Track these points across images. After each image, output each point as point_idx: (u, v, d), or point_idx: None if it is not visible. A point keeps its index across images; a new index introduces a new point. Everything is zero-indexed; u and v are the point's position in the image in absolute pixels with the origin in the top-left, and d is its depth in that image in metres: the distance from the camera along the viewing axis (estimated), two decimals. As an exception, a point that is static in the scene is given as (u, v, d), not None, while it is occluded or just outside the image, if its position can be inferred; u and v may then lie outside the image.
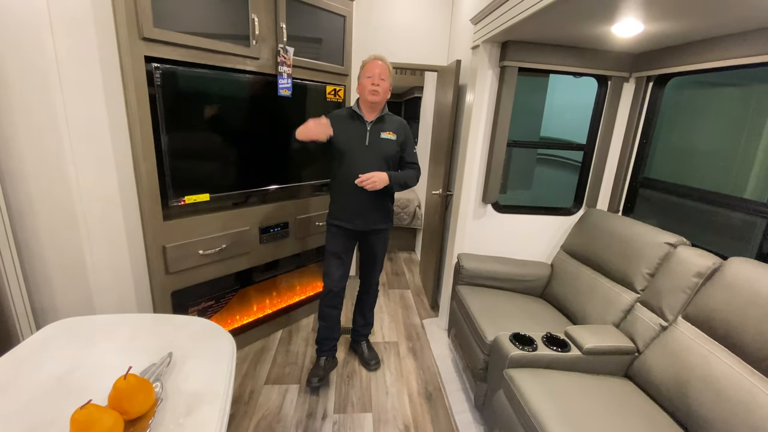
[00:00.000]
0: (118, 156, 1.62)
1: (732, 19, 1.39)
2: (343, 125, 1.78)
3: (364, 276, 2.09)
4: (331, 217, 1.90)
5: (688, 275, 1.47)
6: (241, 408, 1.80)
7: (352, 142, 1.77)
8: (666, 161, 2.22)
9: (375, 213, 1.86)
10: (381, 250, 1.99)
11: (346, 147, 1.77)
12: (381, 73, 1.73)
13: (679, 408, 1.29)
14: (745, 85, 2.01)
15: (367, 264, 2.04)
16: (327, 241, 1.93)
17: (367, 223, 1.85)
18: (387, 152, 1.81)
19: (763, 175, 1.91)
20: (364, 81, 1.75)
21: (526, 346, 1.49)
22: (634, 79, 2.06)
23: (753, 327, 1.18)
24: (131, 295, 1.78)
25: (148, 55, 1.52)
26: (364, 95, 1.77)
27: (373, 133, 1.79)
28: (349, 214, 1.83)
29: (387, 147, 1.81)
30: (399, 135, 1.83)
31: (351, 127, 1.79)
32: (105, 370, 0.90)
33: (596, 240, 1.97)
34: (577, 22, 1.54)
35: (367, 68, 1.75)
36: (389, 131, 1.82)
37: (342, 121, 1.79)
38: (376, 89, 1.73)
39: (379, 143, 1.79)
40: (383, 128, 1.81)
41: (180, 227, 1.76)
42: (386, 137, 1.81)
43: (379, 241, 1.96)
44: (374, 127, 1.79)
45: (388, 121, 1.83)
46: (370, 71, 1.74)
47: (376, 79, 1.72)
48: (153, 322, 1.20)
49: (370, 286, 2.11)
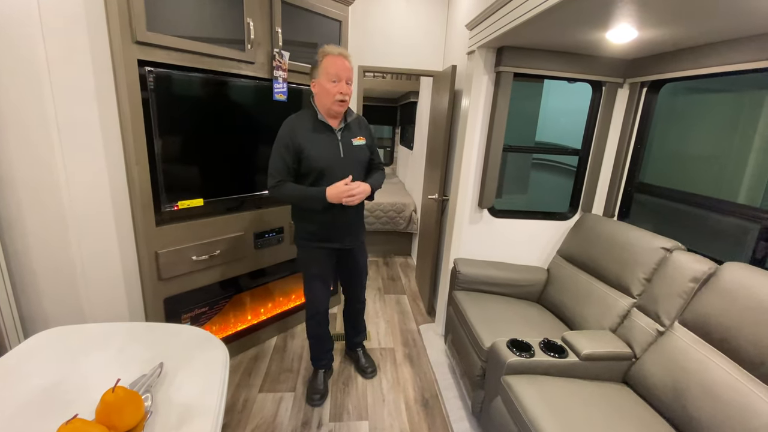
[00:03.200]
0: (110, 161, 1.59)
1: (724, 27, 1.40)
2: (312, 137, 1.58)
3: (354, 290, 2.02)
4: (311, 240, 1.72)
5: (683, 280, 1.47)
6: (235, 417, 1.77)
7: (327, 157, 1.60)
8: (660, 166, 2.24)
9: (359, 226, 1.81)
10: (364, 260, 1.95)
11: (322, 163, 1.58)
12: (348, 78, 1.55)
13: (676, 414, 1.28)
14: (737, 91, 2.04)
15: (355, 277, 1.97)
16: (306, 265, 1.78)
17: (354, 239, 1.79)
18: (361, 159, 1.71)
19: (755, 179, 1.93)
20: (328, 86, 1.51)
21: (524, 352, 1.48)
22: (628, 84, 2.07)
23: (749, 332, 1.18)
24: (123, 302, 1.74)
25: (141, 59, 1.50)
26: (327, 104, 1.55)
27: (345, 142, 1.64)
28: (336, 233, 1.72)
29: (361, 154, 1.71)
30: (366, 137, 1.73)
31: (320, 139, 1.60)
32: (93, 381, 0.88)
33: (592, 245, 1.98)
34: (572, 28, 1.55)
35: (330, 68, 1.51)
36: (359, 136, 1.70)
37: (308, 132, 1.58)
38: (344, 99, 1.55)
39: (353, 152, 1.67)
40: (352, 134, 1.68)
41: (173, 233, 1.74)
42: (358, 143, 1.69)
43: (362, 251, 1.91)
44: (344, 135, 1.65)
45: (354, 125, 1.70)
46: (336, 74, 1.51)
47: (344, 87, 1.53)
48: (144, 331, 1.17)
49: (359, 298, 2.05)
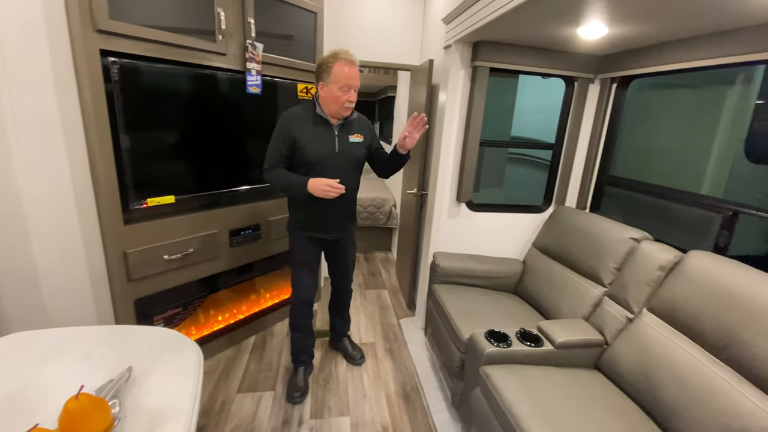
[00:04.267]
0: (73, 157, 1.51)
1: (687, 25, 1.45)
2: (309, 130, 1.63)
3: (341, 278, 2.05)
4: (301, 228, 1.77)
5: (651, 269, 1.53)
6: (212, 419, 1.73)
7: (322, 150, 1.64)
8: (629, 159, 2.32)
9: (348, 218, 1.85)
10: (353, 249, 1.98)
11: (316, 155, 1.63)
12: (357, 86, 1.59)
13: (646, 397, 1.34)
14: (701, 87, 2.13)
15: (342, 267, 2.00)
16: (295, 251, 1.81)
17: (343, 230, 1.83)
18: (357, 156, 1.73)
19: (717, 171, 2.03)
20: (337, 93, 1.55)
21: (501, 342, 1.50)
22: (599, 80, 2.13)
23: (712, 317, 1.24)
24: (90, 305, 1.66)
25: (103, 49, 1.42)
26: (333, 107, 1.60)
27: (341, 137, 1.68)
28: (325, 224, 1.76)
29: (357, 151, 1.73)
30: (366, 136, 1.75)
31: (317, 132, 1.64)
32: (56, 388, 0.83)
33: (566, 236, 2.03)
34: (545, 23, 1.57)
35: (341, 77, 1.53)
36: (357, 133, 1.72)
37: (306, 125, 1.63)
38: (350, 106, 1.62)
39: (349, 148, 1.70)
40: (351, 131, 1.71)
41: (143, 231, 1.67)
42: (355, 140, 1.71)
43: (351, 241, 1.94)
44: (342, 131, 1.68)
45: (354, 122, 1.73)
46: (348, 84, 1.55)
47: (353, 96, 1.58)
48: (112, 334, 1.12)
49: (346, 287, 2.08)
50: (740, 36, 1.40)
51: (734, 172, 1.95)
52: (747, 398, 1.08)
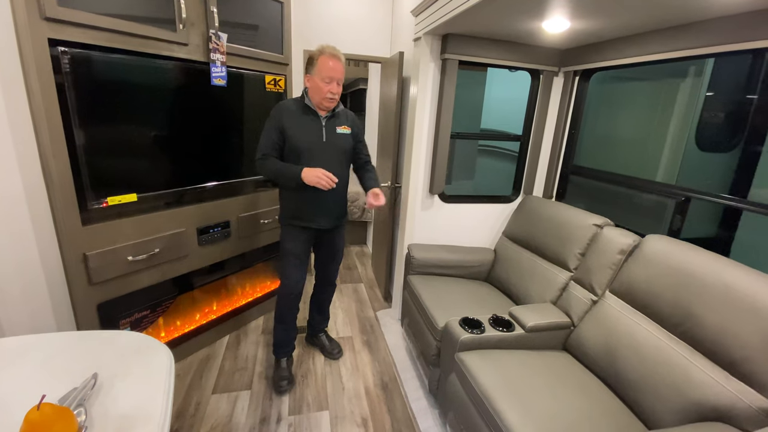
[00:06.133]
0: (22, 154, 1.41)
1: (643, 20, 1.53)
2: (297, 120, 1.69)
3: (327, 272, 2.05)
4: (290, 218, 1.79)
5: (612, 253, 1.61)
6: (187, 422, 1.68)
7: (309, 139, 1.69)
8: (592, 149, 2.42)
9: (339, 209, 1.86)
10: (342, 243, 1.99)
11: (303, 144, 1.68)
12: (340, 79, 1.66)
13: (609, 374, 1.42)
14: (657, 80, 2.25)
15: (329, 259, 2.01)
16: (285, 242, 1.83)
17: (332, 220, 1.83)
18: (344, 147, 1.78)
19: (671, 159, 2.15)
20: (320, 84, 1.63)
21: (475, 329, 1.55)
22: (563, 73, 2.20)
23: (668, 296, 1.33)
24: (47, 311, 1.57)
25: (52, 38, 1.33)
26: (317, 99, 1.68)
27: (328, 128, 1.73)
28: (314, 214, 1.77)
29: (343, 142, 1.77)
30: (353, 128, 1.81)
31: (305, 122, 1.70)
32: (14, 400, 0.78)
33: (533, 225, 2.10)
34: (511, 17, 1.61)
35: (325, 69, 1.61)
36: (344, 125, 1.77)
37: (294, 116, 1.69)
38: (333, 98, 1.67)
39: (336, 138, 1.75)
40: (338, 122, 1.76)
41: (103, 232, 1.58)
42: (342, 131, 1.76)
43: (340, 235, 1.95)
44: (329, 121, 1.73)
45: (341, 114, 1.78)
46: (330, 76, 1.62)
47: (335, 87, 1.65)
48: (72, 340, 1.06)
49: (330, 281, 2.08)
50: (690, 31, 1.48)
51: (686, 160, 2.08)
52: (700, 369, 1.17)
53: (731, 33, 1.35)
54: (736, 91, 1.95)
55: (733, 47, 1.36)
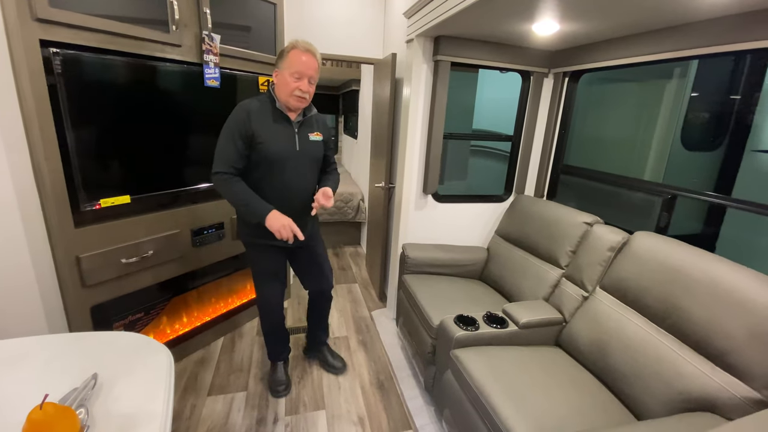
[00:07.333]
0: (13, 156, 1.39)
1: (629, 22, 1.57)
2: (268, 126, 1.51)
3: (317, 283, 1.87)
4: (257, 236, 1.58)
5: (602, 250, 1.65)
6: (183, 425, 1.68)
7: (282, 148, 1.53)
8: (581, 149, 2.47)
9: (309, 218, 1.67)
10: (322, 248, 1.86)
11: (277, 154, 1.51)
12: (312, 77, 1.50)
13: (600, 368, 1.45)
14: (644, 81, 2.30)
15: (317, 271, 1.83)
16: (255, 263, 1.69)
17: (304, 229, 1.59)
18: (316, 155, 1.65)
19: (657, 158, 2.21)
20: (288, 79, 1.47)
21: (469, 326, 1.57)
22: (553, 74, 2.24)
23: (655, 291, 1.37)
24: (39, 314, 1.55)
25: (44, 39, 1.32)
26: (286, 97, 1.50)
27: (301, 135, 1.58)
28: None
29: (316, 150, 1.64)
30: (324, 134, 1.68)
31: (277, 129, 1.53)
32: (15, 401, 0.78)
33: (525, 223, 2.14)
34: (502, 19, 1.64)
35: (295, 64, 1.46)
36: (316, 131, 1.64)
37: (265, 121, 1.50)
38: (304, 96, 1.50)
39: (309, 146, 1.61)
40: (311, 128, 1.63)
41: (97, 234, 1.57)
42: (315, 139, 1.63)
43: (317, 241, 1.82)
44: (302, 128, 1.59)
45: (312, 120, 1.65)
46: (300, 71, 1.46)
47: (306, 85, 1.48)
48: (71, 342, 1.06)
49: (325, 294, 1.92)
50: (676, 34, 1.53)
51: (672, 159, 2.14)
52: (687, 361, 1.21)
53: (715, 36, 1.40)
54: (720, 92, 2.01)
55: (717, 49, 1.41)
